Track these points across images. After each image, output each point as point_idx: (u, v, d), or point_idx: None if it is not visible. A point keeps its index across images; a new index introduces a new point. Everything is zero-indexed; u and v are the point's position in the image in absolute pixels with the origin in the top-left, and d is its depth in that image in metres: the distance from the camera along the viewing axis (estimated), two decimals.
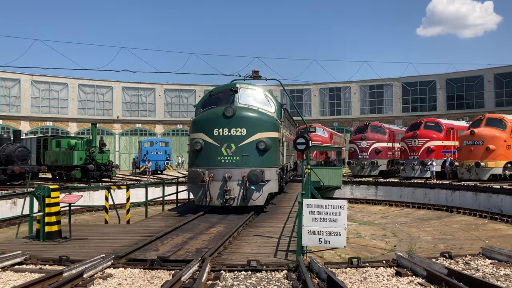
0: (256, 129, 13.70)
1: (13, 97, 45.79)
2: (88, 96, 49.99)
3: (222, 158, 13.57)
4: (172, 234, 10.66)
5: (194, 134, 14.14)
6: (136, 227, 12.19)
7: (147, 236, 10.35)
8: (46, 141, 32.60)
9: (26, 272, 7.47)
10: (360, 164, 31.11)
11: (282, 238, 10.22)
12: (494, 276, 7.12)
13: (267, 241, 10.02)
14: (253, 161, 13.51)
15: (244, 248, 9.23)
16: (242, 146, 13.53)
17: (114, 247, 9.34)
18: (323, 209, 8.35)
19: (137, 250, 8.90)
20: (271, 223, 12.48)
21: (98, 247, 9.44)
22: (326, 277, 6.73)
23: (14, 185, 24.46)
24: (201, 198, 13.57)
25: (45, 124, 47.36)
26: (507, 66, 45.74)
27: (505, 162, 23.50)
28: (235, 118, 13.59)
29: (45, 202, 10.22)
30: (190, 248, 9.09)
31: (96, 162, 26.96)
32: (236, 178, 13.36)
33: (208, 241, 9.85)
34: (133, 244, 9.55)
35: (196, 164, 13.84)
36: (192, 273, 7.16)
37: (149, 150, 39.69)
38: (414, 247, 14.53)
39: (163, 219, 13.50)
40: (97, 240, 10.23)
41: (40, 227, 10.20)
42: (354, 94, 53.44)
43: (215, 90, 15.46)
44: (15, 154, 24.63)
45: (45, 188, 10.30)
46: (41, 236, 10.14)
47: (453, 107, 48.59)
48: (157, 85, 53.14)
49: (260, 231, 11.08)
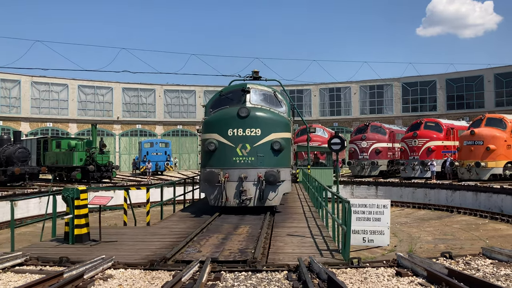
0: (271, 129, 13.69)
1: (13, 98, 45.80)
2: (88, 97, 50.00)
3: (237, 158, 13.51)
4: (203, 235, 10.51)
5: (207, 135, 14.04)
6: (158, 228, 11.98)
7: (177, 238, 10.29)
8: (46, 142, 32.60)
9: (27, 273, 7.47)
10: (360, 164, 31.13)
11: (315, 237, 10.23)
12: (494, 276, 7.12)
13: (302, 240, 10.02)
14: (268, 161, 13.53)
15: (284, 248, 9.19)
16: (257, 147, 13.52)
17: (152, 249, 9.22)
18: (367, 208, 8.45)
19: (179, 252, 8.75)
20: (292, 223, 12.52)
21: (136, 249, 9.28)
22: (326, 277, 6.73)
23: (15, 186, 24.46)
24: (216, 199, 13.48)
25: (45, 125, 47.38)
26: (507, 66, 45.74)
27: (505, 162, 23.51)
28: (250, 119, 13.55)
29: (74, 204, 9.89)
30: (232, 249, 8.98)
31: (96, 163, 26.97)
32: (252, 178, 13.35)
33: (244, 241, 9.76)
34: (168, 246, 9.48)
35: (210, 164, 13.72)
36: (192, 274, 7.16)
37: (149, 151, 39.70)
38: (415, 247, 14.54)
39: (180, 220, 13.35)
40: (129, 243, 9.99)
41: (69, 230, 9.86)
42: (354, 94, 53.45)
43: (225, 90, 15.42)
44: (15, 155, 24.63)
45: (74, 190, 9.99)
46: (70, 239, 9.81)
47: (453, 107, 48.59)
48: (157, 86, 53.15)
49: (288, 231, 11.08)
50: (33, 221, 11.60)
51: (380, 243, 8.54)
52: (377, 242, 8.49)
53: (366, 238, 8.32)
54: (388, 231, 8.37)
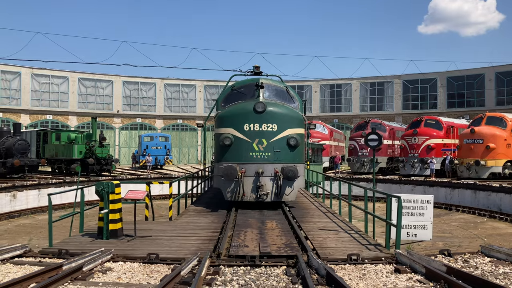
0: (286, 125, 13.76)
1: (13, 90, 45.72)
2: (89, 90, 49.92)
3: (254, 153, 13.52)
4: (237, 230, 10.46)
5: (222, 129, 14.00)
6: (184, 223, 11.86)
7: (211, 233, 10.34)
8: (46, 135, 32.58)
9: (26, 265, 7.48)
10: (360, 161, 31.14)
11: (348, 232, 10.46)
12: (493, 274, 7.13)
13: (337, 235, 10.18)
14: (284, 157, 13.60)
15: (326, 243, 9.30)
16: (274, 142, 13.56)
17: (194, 243, 9.20)
18: (411, 203, 8.71)
19: (229, 247, 8.73)
20: (314, 218, 12.69)
21: (178, 244, 9.21)
22: (325, 273, 6.74)
23: (14, 178, 24.47)
24: (233, 193, 13.47)
25: (45, 117, 47.33)
26: (508, 65, 45.67)
27: (505, 160, 23.52)
28: (266, 114, 13.55)
29: (109, 198, 9.69)
30: (277, 243, 9.01)
31: (96, 156, 26.97)
32: (269, 173, 13.39)
33: (283, 236, 9.84)
34: (207, 240, 9.51)
35: (225, 159, 13.68)
36: (191, 268, 7.17)
37: (149, 144, 39.69)
38: (413, 244, 14.56)
39: (200, 215, 13.27)
40: (165, 237, 9.85)
41: (103, 225, 9.63)
42: (355, 91, 53.39)
43: (237, 84, 15.36)
44: (15, 147, 24.61)
45: (109, 183, 9.77)
46: (104, 234, 9.59)
47: (454, 105, 48.56)
48: (158, 79, 53.06)
49: (318, 226, 11.23)
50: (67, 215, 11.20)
51: (423, 237, 8.98)
52: (420, 237, 8.92)
53: (410, 233, 8.75)
54: (431, 226, 8.87)
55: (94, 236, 9.90)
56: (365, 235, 10.20)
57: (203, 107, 53.89)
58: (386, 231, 8.95)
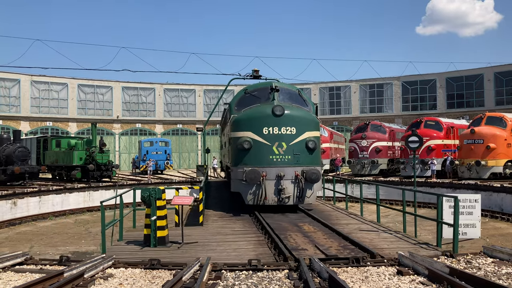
0: (305, 128, 13.83)
1: (13, 97, 45.74)
2: (88, 96, 49.94)
3: (274, 156, 13.53)
4: (281, 234, 10.40)
5: (239, 133, 13.98)
6: (218, 228, 11.77)
7: (255, 237, 10.36)
8: (46, 141, 32.55)
9: (27, 273, 7.45)
10: (360, 163, 31.10)
11: (388, 233, 10.79)
12: (496, 274, 7.10)
13: (381, 236, 10.42)
14: (303, 159, 13.66)
15: (376, 244, 9.42)
16: (293, 145, 13.61)
17: (247, 248, 9.22)
18: (461, 203, 9.06)
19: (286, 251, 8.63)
20: (340, 220, 12.84)
21: (231, 249, 9.17)
22: (327, 276, 6.71)
23: (14, 186, 24.43)
24: (254, 197, 13.42)
25: (45, 124, 47.33)
26: (507, 65, 45.70)
27: (505, 160, 23.48)
28: (285, 117, 13.59)
29: (156, 204, 9.50)
30: (333, 246, 9.13)
31: (96, 162, 26.94)
32: (289, 176, 13.40)
33: (329, 238, 9.97)
34: (257, 245, 9.54)
35: (244, 163, 13.63)
36: (193, 273, 7.14)
37: (149, 150, 39.65)
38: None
39: (228, 219, 13.22)
40: (212, 243, 9.73)
41: (150, 232, 9.42)
42: (354, 93, 53.42)
43: (250, 88, 15.40)
44: (15, 154, 24.58)
45: (156, 189, 9.57)
46: (151, 241, 9.38)
47: (453, 105, 48.57)
48: (157, 84, 53.10)
49: (352, 228, 11.42)
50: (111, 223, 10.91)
51: (472, 236, 9.27)
52: (470, 235, 9.20)
53: (460, 231, 9.02)
54: (479, 224, 9.18)
55: (138, 243, 9.70)
56: (406, 235, 10.53)
57: (203, 112, 53.90)
58: (437, 230, 9.27)
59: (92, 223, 20.47)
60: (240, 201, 14.34)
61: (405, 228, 11.45)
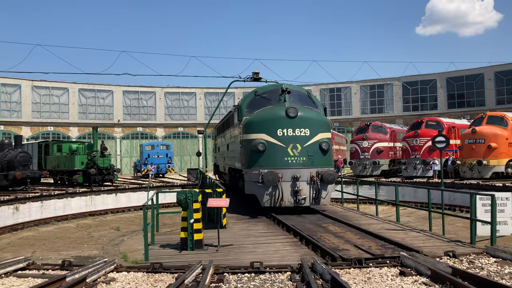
0: (318, 129, 13.94)
1: (14, 102, 45.83)
2: (89, 101, 50.03)
3: (289, 158, 13.58)
4: (312, 234, 10.43)
5: (253, 135, 13.99)
6: (240, 230, 11.76)
7: (288, 239, 10.40)
8: (48, 146, 32.57)
9: (29, 278, 7.46)
10: (362, 164, 31.05)
11: (416, 231, 11.06)
12: (498, 274, 7.08)
13: (410, 234, 10.63)
14: (318, 161, 13.76)
15: (410, 242, 9.55)
16: (307, 147, 13.70)
17: (284, 250, 9.26)
18: None
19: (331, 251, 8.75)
20: (359, 220, 12.91)
21: (272, 251, 9.19)
22: (330, 278, 6.70)
23: (16, 191, 24.45)
24: (270, 199, 13.41)
25: (46, 129, 47.40)
26: (507, 64, 45.67)
27: (507, 160, 23.43)
28: (299, 119, 13.66)
29: (193, 207, 9.48)
30: (372, 245, 9.24)
31: (98, 166, 26.95)
32: (305, 178, 13.46)
33: (364, 238, 10.08)
34: (295, 245, 9.59)
35: (259, 165, 13.64)
36: (195, 276, 7.14)
37: (150, 153, 39.66)
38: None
39: (243, 222, 13.29)
40: (247, 246, 9.78)
41: (187, 235, 9.40)
42: (355, 94, 53.41)
43: (259, 90, 15.42)
44: (16, 159, 24.60)
45: (192, 192, 9.56)
46: (189, 245, 9.35)
47: (454, 105, 48.52)
48: (158, 88, 53.16)
49: (376, 228, 11.53)
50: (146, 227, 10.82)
51: (504, 233, 9.56)
52: (502, 232, 9.46)
53: None
54: (511, 221, 9.48)
55: (173, 247, 9.67)
56: (433, 233, 10.83)
57: (204, 115, 53.92)
58: (471, 228, 9.49)
59: (94, 227, 20.47)
60: (252, 203, 14.35)
61: (430, 227, 11.76)
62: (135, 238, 17.28)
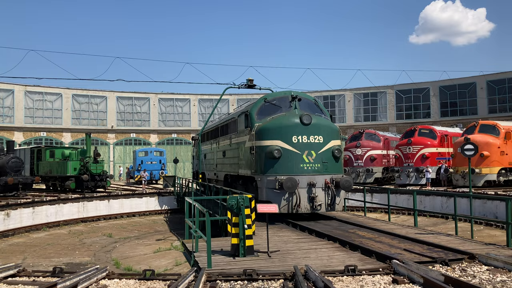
0: (330, 137, 14.16)
1: (7, 107, 45.56)
2: (82, 106, 49.84)
3: (305, 165, 13.72)
4: (348, 239, 10.54)
5: (267, 141, 14.03)
6: (273, 236, 11.63)
7: (328, 245, 10.44)
8: (40, 152, 32.35)
9: (19, 285, 7.38)
10: (355, 171, 31.15)
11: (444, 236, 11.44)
12: (490, 282, 7.10)
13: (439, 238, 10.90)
14: (331, 167, 13.98)
15: (454, 246, 9.77)
16: (321, 153, 13.89)
17: (333, 255, 9.32)
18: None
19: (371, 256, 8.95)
20: (379, 226, 12.98)
21: (319, 257, 9.17)
22: (322, 285, 6.69)
23: (8, 196, 24.22)
24: (286, 205, 13.47)
25: (39, 134, 47.12)
26: (499, 73, 46.16)
27: (499, 168, 23.61)
28: (313, 126, 13.85)
29: (245, 213, 9.37)
30: (416, 250, 9.43)
31: (91, 172, 26.81)
32: (320, 184, 13.61)
33: (402, 242, 10.32)
34: (337, 251, 9.66)
35: (275, 171, 13.70)
36: (188, 283, 7.10)
37: (143, 159, 39.53)
38: None
39: (271, 228, 13.07)
40: (293, 251, 9.73)
41: (239, 242, 9.29)
42: (348, 102, 53.66)
43: (269, 97, 15.57)
44: (8, 165, 24.41)
45: (244, 197, 9.47)
46: (240, 251, 9.23)
47: (447, 114, 48.89)
48: (152, 94, 53.10)
49: (403, 232, 11.78)
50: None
51: None
52: None
53: None
54: None
55: (223, 253, 9.56)
56: (462, 237, 11.26)
57: (198, 121, 53.89)
58: (507, 232, 10.28)
59: (86, 234, 20.31)
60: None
61: (456, 231, 12.30)
62: (127, 245, 17.19)
